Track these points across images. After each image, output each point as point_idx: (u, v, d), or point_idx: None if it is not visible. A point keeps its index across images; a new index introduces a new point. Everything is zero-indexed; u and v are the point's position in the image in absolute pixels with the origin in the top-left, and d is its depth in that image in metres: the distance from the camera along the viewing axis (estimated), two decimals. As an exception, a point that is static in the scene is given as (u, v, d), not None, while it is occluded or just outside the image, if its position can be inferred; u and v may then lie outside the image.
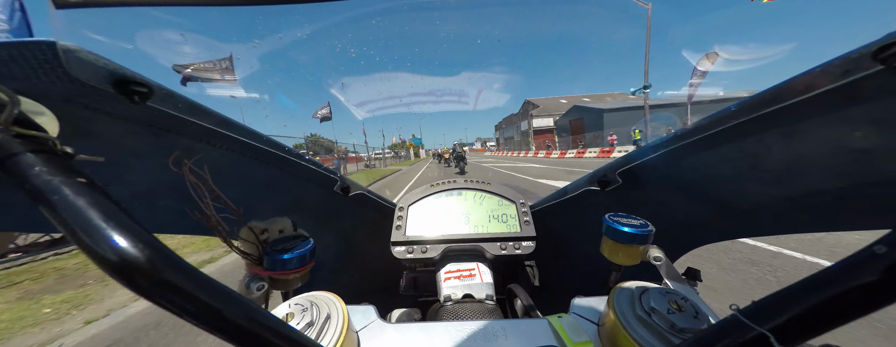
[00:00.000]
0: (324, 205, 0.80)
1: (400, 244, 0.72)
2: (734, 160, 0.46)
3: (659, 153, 0.54)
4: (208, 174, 0.41)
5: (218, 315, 0.19)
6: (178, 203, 0.47)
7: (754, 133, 0.41)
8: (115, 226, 0.17)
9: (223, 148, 0.50)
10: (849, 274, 0.18)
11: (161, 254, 0.18)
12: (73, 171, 0.20)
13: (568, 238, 0.90)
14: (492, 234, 0.72)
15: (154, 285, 0.17)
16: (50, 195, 0.18)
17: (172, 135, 0.43)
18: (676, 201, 0.62)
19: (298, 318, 0.37)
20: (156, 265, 0.17)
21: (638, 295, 0.38)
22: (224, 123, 0.46)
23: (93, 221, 0.17)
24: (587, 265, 0.85)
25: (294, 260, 0.47)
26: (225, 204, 0.44)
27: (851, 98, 0.30)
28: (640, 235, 0.50)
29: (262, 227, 0.54)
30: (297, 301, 0.40)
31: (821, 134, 0.36)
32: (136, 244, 0.17)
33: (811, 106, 0.33)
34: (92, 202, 0.18)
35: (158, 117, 0.39)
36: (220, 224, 0.42)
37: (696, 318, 0.35)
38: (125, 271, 0.17)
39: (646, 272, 0.54)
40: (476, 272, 0.68)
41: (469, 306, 0.60)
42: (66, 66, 0.28)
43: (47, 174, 0.18)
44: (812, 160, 0.39)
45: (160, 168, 0.42)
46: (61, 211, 0.17)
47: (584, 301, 0.48)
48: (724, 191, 0.53)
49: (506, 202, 0.80)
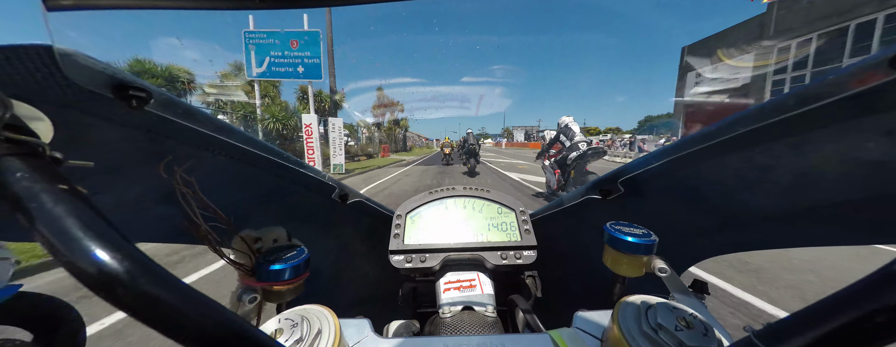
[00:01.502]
0: (321, 213, 0.79)
1: (398, 253, 0.70)
2: (741, 170, 0.45)
3: (662, 162, 0.53)
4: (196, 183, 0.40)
5: (202, 332, 0.17)
6: (170, 212, 0.46)
7: (763, 143, 0.40)
8: (93, 236, 0.16)
9: (220, 154, 0.49)
10: (870, 296, 0.17)
11: (140, 265, 0.17)
12: (56, 177, 0.19)
13: (569, 248, 0.88)
14: (492, 243, 0.70)
15: (135, 298, 0.16)
16: (28, 202, 0.17)
17: (169, 141, 0.42)
18: (681, 211, 0.61)
19: (288, 334, 0.35)
20: (136, 276, 0.16)
21: (644, 310, 0.37)
22: (222, 130, 0.45)
23: (70, 230, 0.16)
24: (590, 276, 0.84)
25: (287, 271, 0.46)
26: (214, 213, 0.42)
27: (866, 108, 0.29)
28: (644, 245, 0.48)
29: (256, 236, 0.52)
30: (288, 316, 0.38)
31: (833, 145, 0.35)
32: (115, 255, 0.16)
33: (823, 116, 0.32)
34: (71, 210, 0.17)
35: (156, 123, 0.38)
36: (210, 234, 0.41)
37: (705, 336, 0.33)
38: (102, 283, 0.15)
39: (650, 283, 0.52)
40: (476, 282, 0.66)
41: (469, 318, 0.58)
42: (64, 70, 0.27)
43: (28, 181, 0.18)
44: (823, 172, 0.38)
45: (153, 175, 0.41)
46: (37, 219, 0.16)
47: (588, 315, 0.46)
48: (730, 202, 0.52)
49: (505, 210, 0.79)
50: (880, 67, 0.26)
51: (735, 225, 0.55)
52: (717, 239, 0.60)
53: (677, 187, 0.57)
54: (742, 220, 0.53)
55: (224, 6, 0.24)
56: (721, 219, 0.56)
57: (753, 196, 0.48)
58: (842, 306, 0.17)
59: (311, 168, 0.66)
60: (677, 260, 0.55)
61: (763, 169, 0.43)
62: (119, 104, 0.32)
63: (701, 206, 0.57)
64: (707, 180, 0.52)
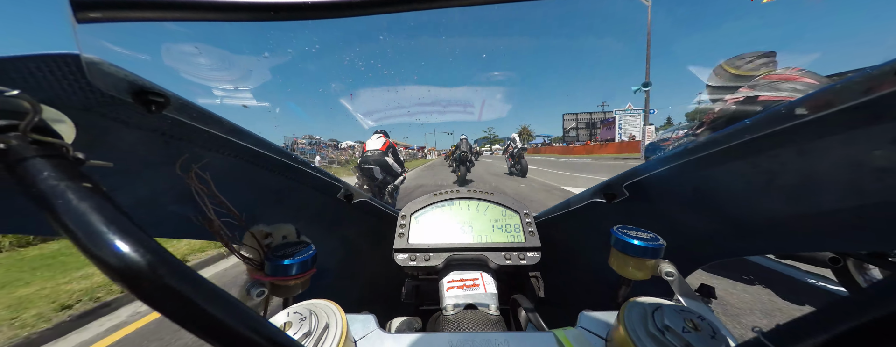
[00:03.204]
0: (327, 212, 0.81)
1: (403, 252, 0.71)
2: (747, 176, 0.45)
3: (668, 167, 0.53)
4: (211, 181, 0.42)
5: (217, 323, 0.18)
6: (183, 208, 0.47)
7: (769, 149, 0.40)
8: (116, 230, 0.17)
9: (233, 156, 0.51)
10: (883, 299, 0.16)
11: (162, 259, 0.18)
12: (80, 176, 0.20)
13: (574, 250, 0.88)
14: (496, 243, 0.71)
15: (156, 290, 0.17)
16: (54, 200, 0.18)
17: (184, 142, 0.44)
18: (685, 216, 0.61)
19: (296, 327, 0.36)
20: (157, 269, 0.17)
21: (650, 312, 0.37)
22: (235, 132, 0.47)
23: (94, 225, 0.17)
24: (594, 279, 0.83)
25: (295, 266, 0.47)
26: (227, 210, 0.44)
27: (873, 116, 0.30)
28: (651, 248, 0.48)
29: (266, 232, 0.54)
30: (296, 310, 0.39)
31: (839, 152, 0.35)
32: (137, 249, 0.17)
33: (829, 123, 0.32)
34: (95, 207, 0.18)
35: (172, 126, 0.40)
36: (223, 229, 0.42)
37: (713, 339, 0.33)
38: (126, 275, 0.16)
39: (656, 287, 0.52)
40: (480, 282, 0.67)
41: (471, 316, 0.59)
42: (89, 77, 0.29)
43: (54, 179, 0.19)
44: (829, 179, 0.38)
45: (168, 175, 0.42)
46: (64, 215, 0.17)
47: (593, 315, 0.47)
48: (735, 207, 0.52)
49: (509, 212, 0.79)
50: (887, 76, 0.26)
51: (740, 230, 0.54)
52: (722, 244, 0.60)
53: (682, 192, 0.57)
54: (748, 225, 0.53)
55: (239, 18, 0.25)
56: (726, 224, 0.55)
57: (759, 202, 0.47)
58: (853, 308, 0.17)
59: (318, 169, 0.67)
60: (682, 264, 0.55)
61: (770, 175, 0.43)
62: (139, 109, 0.34)
63: (706, 211, 0.56)
64: (713, 186, 0.51)
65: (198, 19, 0.23)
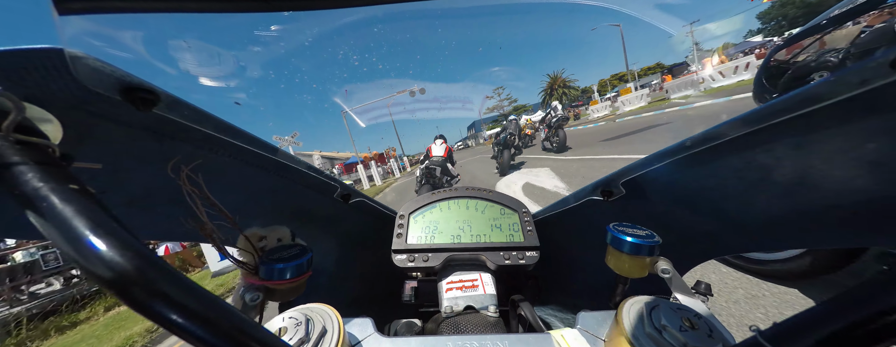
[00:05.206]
0: (323, 212, 0.79)
1: (401, 253, 0.70)
2: (742, 172, 0.45)
3: (663, 164, 0.53)
4: (202, 182, 0.40)
5: (211, 330, 0.18)
6: (175, 210, 0.46)
7: (763, 144, 0.40)
8: (103, 234, 0.17)
9: (225, 155, 0.50)
10: (876, 297, 0.17)
11: (151, 263, 0.17)
12: (66, 178, 0.19)
13: (572, 249, 0.88)
14: (494, 243, 0.71)
15: (146, 296, 0.16)
16: (38, 203, 0.17)
17: (175, 141, 0.42)
18: (682, 213, 0.61)
19: (292, 333, 0.35)
20: (146, 274, 0.16)
21: (648, 311, 0.37)
22: (227, 130, 0.46)
23: (79, 230, 0.16)
24: (592, 277, 0.83)
25: (290, 270, 0.46)
26: (219, 212, 0.43)
27: (867, 109, 0.30)
28: (647, 246, 0.48)
29: (260, 235, 0.53)
30: (292, 315, 0.38)
31: (834, 145, 0.35)
32: (125, 254, 0.16)
33: (824, 116, 0.32)
34: (81, 210, 0.17)
35: (163, 124, 0.39)
36: (215, 232, 0.41)
37: (710, 337, 0.33)
38: (113, 281, 0.16)
39: (653, 285, 0.52)
40: (479, 282, 0.66)
41: (471, 318, 0.58)
42: (75, 72, 0.28)
43: (39, 181, 0.18)
44: (825, 173, 0.38)
45: (159, 175, 0.41)
46: (48, 219, 0.17)
47: (591, 316, 0.46)
48: (732, 204, 0.52)
49: (508, 211, 0.79)
50: (881, 68, 0.26)
51: (737, 226, 0.55)
52: (720, 240, 0.60)
53: (679, 189, 0.57)
54: (744, 221, 0.53)
55: (230, 8, 0.24)
56: (723, 220, 0.56)
57: (755, 197, 0.48)
58: (848, 306, 0.17)
59: (314, 168, 0.66)
60: (679, 261, 0.55)
61: (765, 170, 0.43)
62: (127, 106, 0.33)
63: (703, 207, 0.57)
64: (709, 182, 0.51)
65: (183, 10, 0.23)
